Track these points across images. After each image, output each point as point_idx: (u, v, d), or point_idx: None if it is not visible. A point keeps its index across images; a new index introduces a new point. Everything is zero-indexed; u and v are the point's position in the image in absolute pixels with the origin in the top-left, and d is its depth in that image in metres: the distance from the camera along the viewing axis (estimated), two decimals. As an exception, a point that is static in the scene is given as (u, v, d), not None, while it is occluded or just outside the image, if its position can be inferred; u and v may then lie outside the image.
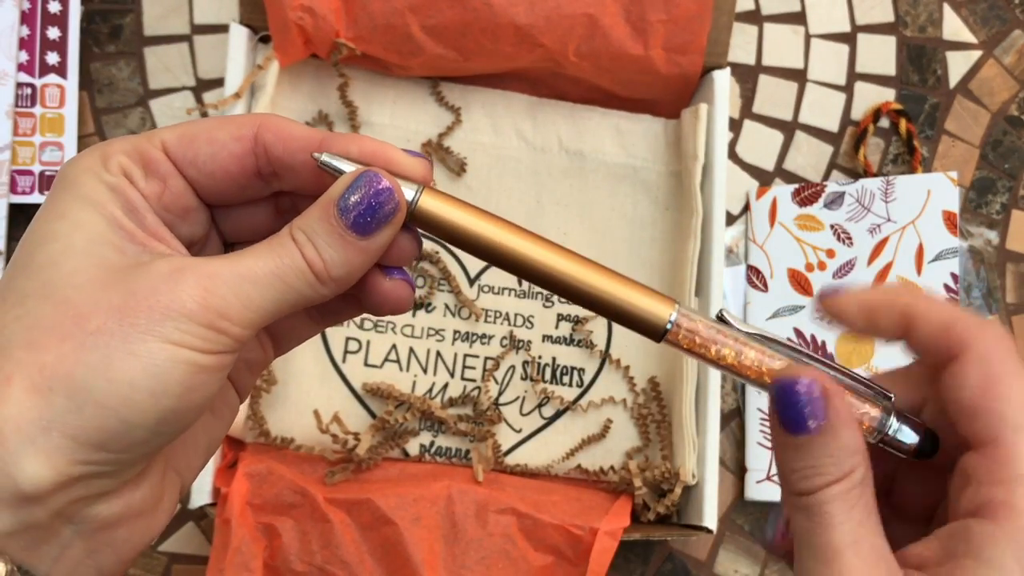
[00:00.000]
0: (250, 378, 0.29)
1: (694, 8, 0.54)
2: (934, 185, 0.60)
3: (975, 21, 0.64)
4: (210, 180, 0.25)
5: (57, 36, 0.58)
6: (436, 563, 0.50)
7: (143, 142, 0.25)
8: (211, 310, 0.22)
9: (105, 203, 0.23)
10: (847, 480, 0.24)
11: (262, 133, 0.25)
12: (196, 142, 0.25)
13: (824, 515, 0.24)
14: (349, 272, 0.24)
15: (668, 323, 0.26)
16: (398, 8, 0.52)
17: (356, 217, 0.24)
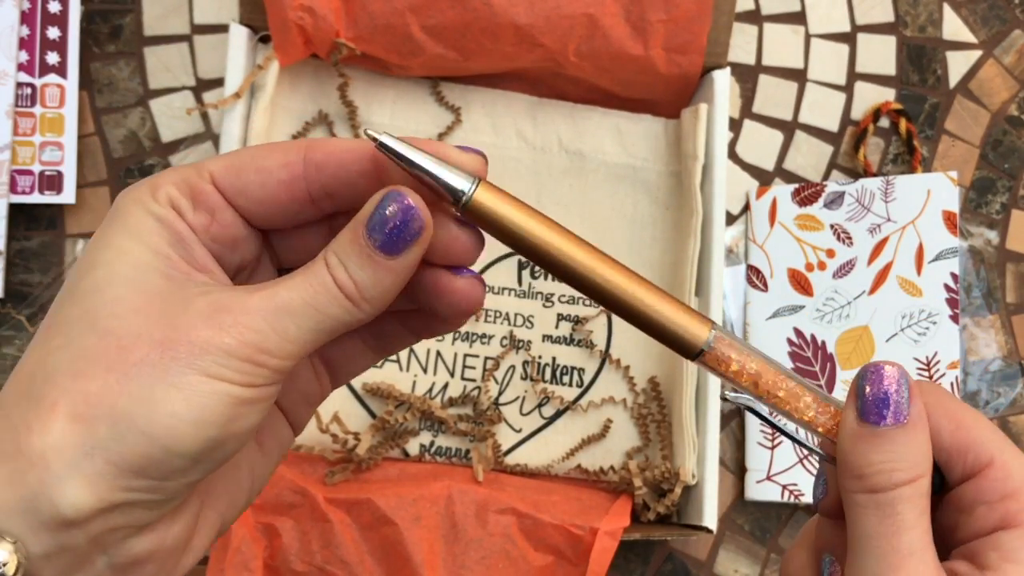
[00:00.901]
0: (306, 411, 0.29)
1: (694, 8, 0.54)
2: (934, 185, 0.60)
3: (975, 21, 0.64)
4: (261, 208, 0.25)
5: (57, 36, 0.58)
6: (436, 563, 0.50)
7: (192, 174, 0.25)
8: (248, 345, 0.23)
9: (151, 233, 0.24)
10: (919, 483, 0.24)
11: (311, 155, 0.25)
12: (244, 172, 0.25)
13: (897, 516, 0.23)
14: (382, 293, 0.24)
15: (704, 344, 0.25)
16: (398, 8, 0.52)
17: (384, 237, 0.24)
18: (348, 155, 0.25)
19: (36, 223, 0.58)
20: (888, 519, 0.23)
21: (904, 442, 0.24)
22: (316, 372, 0.29)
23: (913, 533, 0.23)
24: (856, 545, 0.24)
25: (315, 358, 0.29)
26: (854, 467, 0.24)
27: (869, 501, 0.24)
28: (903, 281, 0.59)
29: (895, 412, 0.24)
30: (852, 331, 0.59)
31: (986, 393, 0.61)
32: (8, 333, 0.57)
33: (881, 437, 0.24)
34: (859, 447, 0.24)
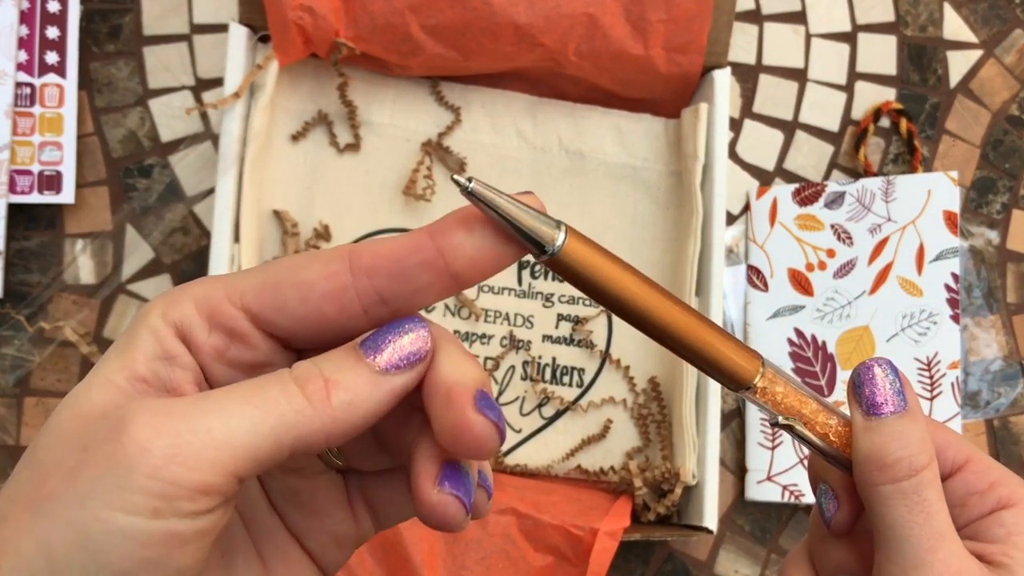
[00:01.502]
0: (338, 555, 0.25)
1: (694, 8, 0.54)
2: (935, 185, 0.60)
3: (976, 21, 0.64)
4: (303, 327, 0.22)
5: (56, 35, 0.58)
6: (436, 563, 0.50)
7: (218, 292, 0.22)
8: (155, 453, 0.18)
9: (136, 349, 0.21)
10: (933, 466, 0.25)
11: (356, 260, 0.21)
12: (280, 288, 0.21)
13: (924, 501, 0.24)
14: (355, 401, 0.20)
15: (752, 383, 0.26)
16: (398, 8, 0.52)
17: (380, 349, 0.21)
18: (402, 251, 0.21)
19: (35, 223, 0.58)
20: (917, 506, 0.24)
21: (912, 428, 0.25)
22: (355, 513, 0.25)
23: (941, 516, 0.24)
24: (888, 537, 0.25)
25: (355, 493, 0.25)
26: (876, 460, 0.25)
27: (895, 491, 0.25)
28: (904, 281, 0.59)
29: (895, 400, 0.25)
30: (852, 331, 0.59)
31: (987, 393, 0.61)
32: (7, 333, 0.57)
33: (891, 426, 0.25)
34: (875, 441, 0.25)
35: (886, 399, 0.25)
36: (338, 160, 0.57)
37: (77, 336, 0.57)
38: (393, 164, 0.58)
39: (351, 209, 0.57)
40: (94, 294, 0.58)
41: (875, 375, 0.26)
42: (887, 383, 0.26)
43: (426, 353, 0.21)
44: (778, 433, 0.58)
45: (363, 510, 0.25)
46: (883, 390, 0.25)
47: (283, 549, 0.24)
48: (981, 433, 0.60)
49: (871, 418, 0.25)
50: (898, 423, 0.25)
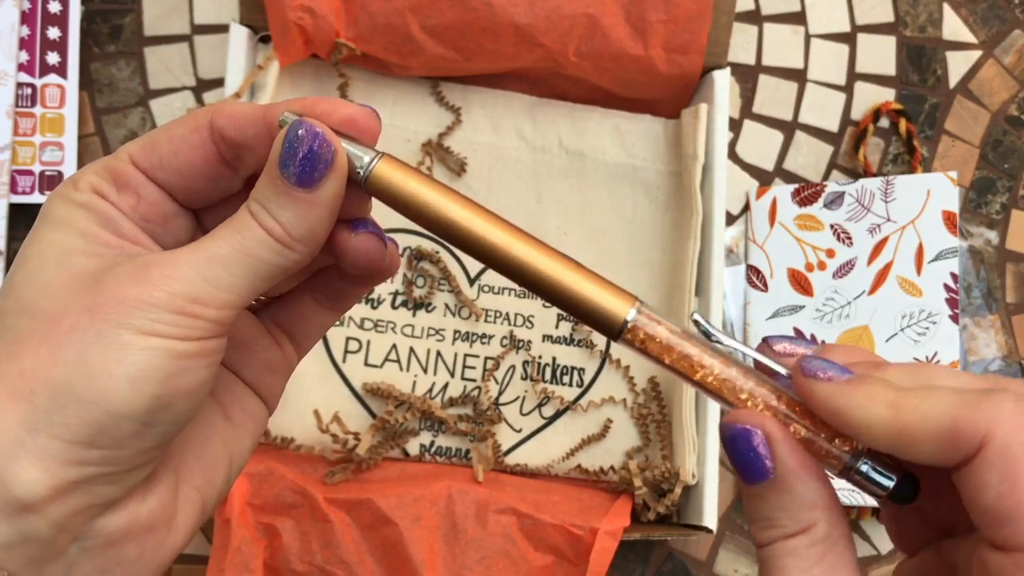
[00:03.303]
0: (273, 381, 0.29)
1: (694, 8, 0.54)
2: (934, 185, 0.60)
3: (975, 21, 0.64)
4: (179, 178, 0.25)
5: (57, 36, 0.58)
6: (436, 563, 0.50)
7: (110, 160, 0.25)
8: (179, 296, 0.22)
9: (77, 220, 0.24)
10: (805, 536, 0.23)
11: (215, 119, 0.25)
12: (157, 144, 0.25)
13: (780, 569, 0.23)
14: (310, 230, 0.24)
15: (625, 321, 0.24)
16: (398, 8, 0.52)
17: (298, 170, 0.23)
18: (244, 119, 0.25)
19: (36, 223, 0.58)
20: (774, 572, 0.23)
21: (774, 497, 0.23)
22: (276, 339, 0.28)
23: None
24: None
25: (269, 323, 0.29)
26: (748, 521, 0.24)
27: (759, 556, 0.24)
28: (903, 281, 0.59)
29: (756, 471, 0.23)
30: (852, 331, 0.59)
31: (986, 393, 0.61)
32: (8, 333, 0.57)
33: (756, 496, 0.23)
34: (746, 503, 0.24)
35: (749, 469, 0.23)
36: (338, 160, 0.57)
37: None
38: (393, 164, 0.58)
39: (351, 209, 0.57)
40: (95, 294, 0.58)
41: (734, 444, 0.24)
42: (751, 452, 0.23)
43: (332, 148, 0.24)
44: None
45: (280, 335, 0.29)
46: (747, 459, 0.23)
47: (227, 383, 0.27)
48: (980, 433, 0.61)
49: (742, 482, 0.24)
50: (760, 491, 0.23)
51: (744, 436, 0.23)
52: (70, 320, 0.22)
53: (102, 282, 0.22)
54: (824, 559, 0.23)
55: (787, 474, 0.23)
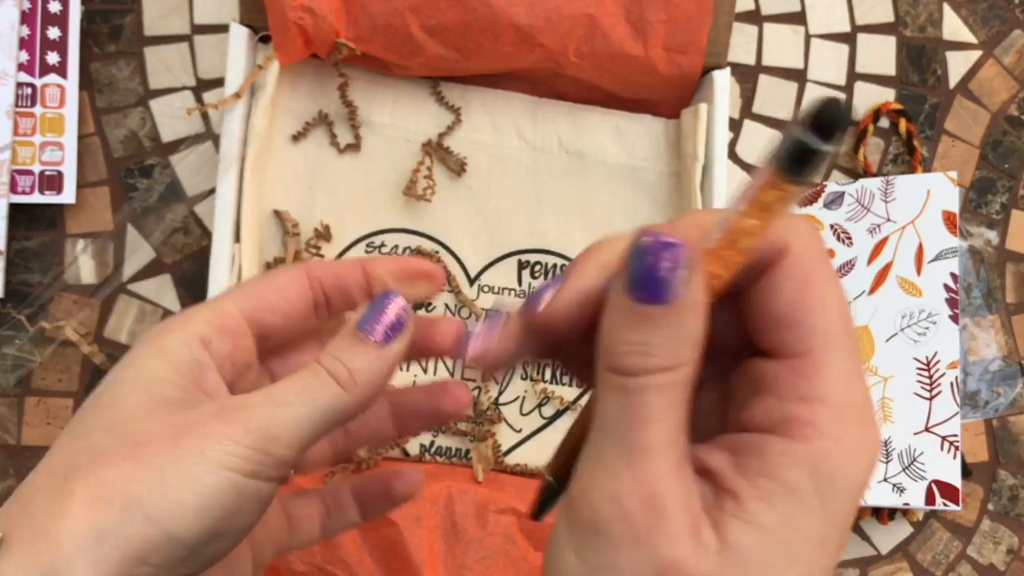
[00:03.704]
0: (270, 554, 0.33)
1: (694, 8, 0.54)
2: (934, 185, 0.60)
3: (975, 21, 0.64)
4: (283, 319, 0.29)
5: (57, 36, 0.58)
6: (436, 563, 0.50)
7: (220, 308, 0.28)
8: (254, 432, 0.25)
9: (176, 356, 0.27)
10: (674, 372, 0.21)
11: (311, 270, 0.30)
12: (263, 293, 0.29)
13: (644, 404, 0.21)
14: (373, 377, 0.27)
15: None
16: (398, 8, 0.52)
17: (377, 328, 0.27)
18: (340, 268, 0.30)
19: (36, 223, 0.58)
20: (633, 407, 0.21)
21: (667, 325, 0.21)
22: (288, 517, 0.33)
23: (658, 426, 0.21)
24: (598, 425, 0.21)
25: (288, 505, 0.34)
26: (606, 342, 0.21)
27: (617, 382, 0.21)
28: (903, 281, 0.59)
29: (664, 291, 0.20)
30: (852, 331, 0.59)
31: (986, 393, 0.61)
32: (8, 333, 0.57)
33: (643, 316, 0.21)
34: (617, 321, 0.21)
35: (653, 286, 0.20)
36: (338, 160, 0.57)
37: (78, 336, 0.57)
38: (393, 164, 0.58)
39: (351, 209, 0.57)
40: (95, 294, 0.58)
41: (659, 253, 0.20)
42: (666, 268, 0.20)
43: (408, 317, 0.28)
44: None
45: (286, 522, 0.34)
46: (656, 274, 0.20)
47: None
48: (980, 433, 0.61)
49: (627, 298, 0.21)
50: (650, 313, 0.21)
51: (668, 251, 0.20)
52: (156, 446, 0.24)
53: (187, 417, 0.25)
54: (682, 403, 0.21)
55: (693, 304, 0.21)
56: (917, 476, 0.57)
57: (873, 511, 0.59)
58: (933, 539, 0.60)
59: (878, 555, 0.60)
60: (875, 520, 0.59)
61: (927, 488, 0.56)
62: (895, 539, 0.60)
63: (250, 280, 0.30)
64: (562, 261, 0.58)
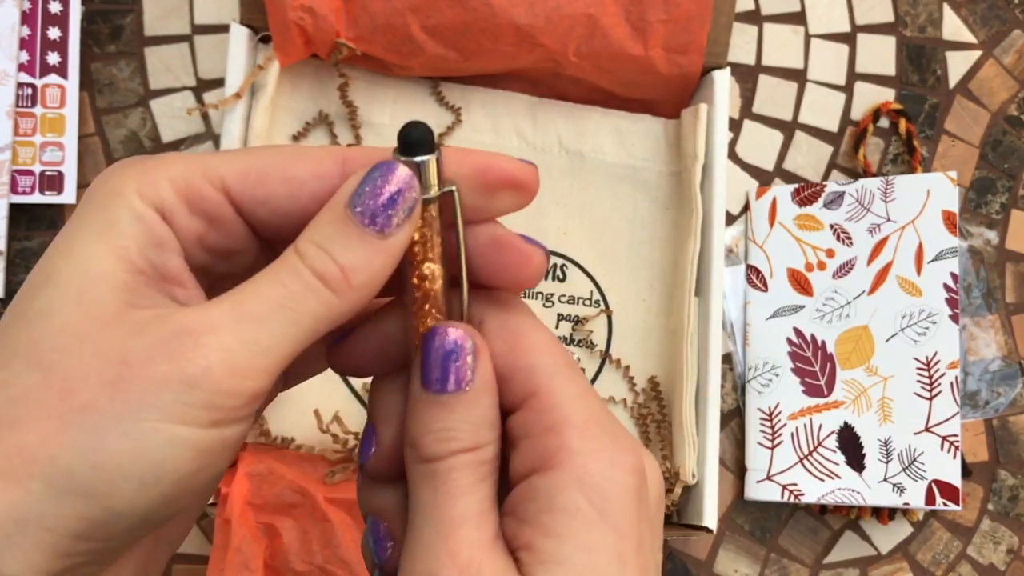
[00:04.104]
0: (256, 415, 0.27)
1: (694, 8, 0.54)
2: (934, 185, 0.60)
3: (975, 21, 0.64)
4: (283, 220, 0.22)
5: (58, 36, 0.58)
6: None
7: (197, 173, 0.21)
8: (215, 369, 0.19)
9: (124, 235, 0.21)
10: (480, 452, 0.22)
11: (350, 167, 0.22)
12: (267, 181, 0.22)
13: (450, 483, 0.21)
14: (371, 278, 0.21)
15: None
16: (398, 8, 0.52)
17: (374, 213, 0.21)
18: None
19: (37, 223, 0.58)
20: (442, 487, 0.21)
21: (464, 409, 0.22)
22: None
23: (467, 499, 0.21)
24: (414, 514, 0.22)
25: None
26: (412, 435, 0.22)
27: (427, 470, 0.22)
28: (903, 281, 0.59)
29: (456, 379, 0.22)
30: (852, 331, 0.59)
31: (986, 393, 0.61)
32: (9, 333, 0.57)
33: (441, 405, 0.22)
34: (420, 415, 0.22)
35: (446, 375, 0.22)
36: (339, 160, 0.57)
37: (78, 336, 0.57)
38: (393, 164, 0.58)
39: (352, 209, 0.57)
40: (95, 294, 0.58)
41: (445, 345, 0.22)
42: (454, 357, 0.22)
43: (415, 200, 0.22)
44: (778, 433, 0.59)
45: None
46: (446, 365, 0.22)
47: None
48: (980, 433, 0.61)
49: (424, 391, 0.22)
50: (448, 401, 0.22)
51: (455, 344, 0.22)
52: (88, 394, 0.19)
53: (128, 350, 0.19)
54: (489, 479, 0.22)
55: (483, 389, 0.22)
56: (917, 476, 0.57)
57: (873, 511, 0.59)
58: (933, 539, 0.60)
59: (878, 555, 0.60)
60: (875, 520, 0.59)
61: (927, 488, 0.56)
62: (895, 539, 0.60)
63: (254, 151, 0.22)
64: (562, 261, 0.58)
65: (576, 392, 0.22)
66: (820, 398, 0.59)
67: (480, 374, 0.22)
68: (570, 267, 0.58)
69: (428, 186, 0.22)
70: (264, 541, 0.50)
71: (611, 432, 0.22)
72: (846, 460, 0.57)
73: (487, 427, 0.22)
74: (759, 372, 0.60)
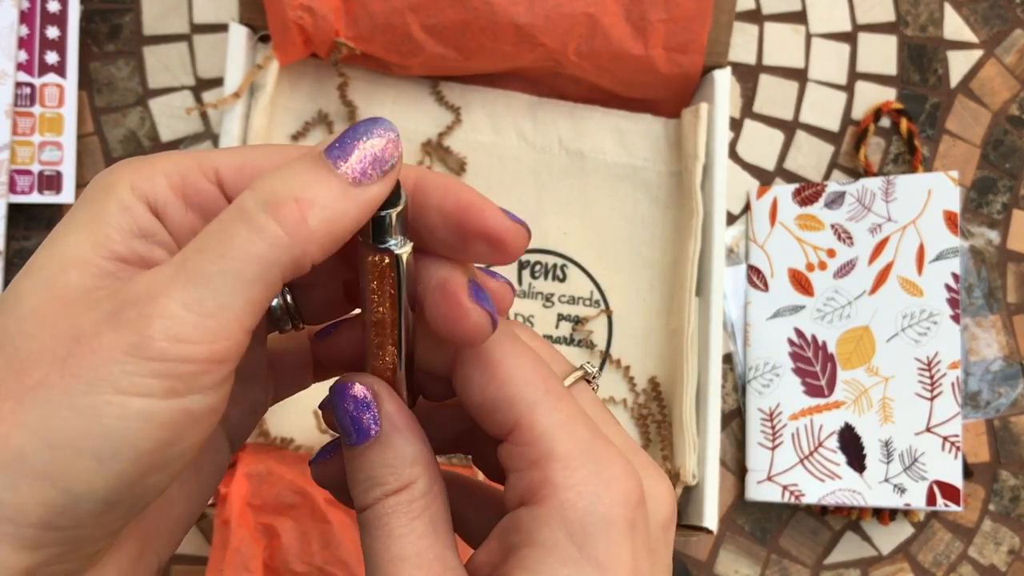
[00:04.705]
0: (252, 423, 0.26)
1: (694, 7, 0.54)
2: (935, 185, 0.60)
3: (976, 20, 0.64)
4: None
5: (56, 35, 0.58)
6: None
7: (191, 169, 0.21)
8: (158, 337, 0.18)
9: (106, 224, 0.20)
10: (407, 491, 0.22)
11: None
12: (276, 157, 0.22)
13: (384, 527, 0.22)
14: (330, 219, 0.19)
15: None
16: (398, 7, 0.52)
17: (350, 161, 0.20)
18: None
19: (35, 223, 0.58)
20: (377, 531, 0.22)
21: (379, 455, 0.22)
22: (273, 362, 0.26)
23: (402, 541, 0.22)
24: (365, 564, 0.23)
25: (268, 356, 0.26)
26: (349, 489, 0.23)
27: (362, 520, 0.22)
28: (904, 281, 0.59)
29: (361, 431, 0.22)
30: (853, 331, 0.59)
31: (987, 393, 0.61)
32: (7, 333, 0.57)
33: (358, 458, 0.22)
34: (349, 468, 0.23)
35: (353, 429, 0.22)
36: (338, 160, 0.57)
37: (77, 336, 0.57)
38: (393, 164, 0.58)
39: (351, 209, 0.57)
40: (94, 294, 0.58)
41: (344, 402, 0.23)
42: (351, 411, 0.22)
43: (397, 159, 0.20)
44: (779, 433, 0.58)
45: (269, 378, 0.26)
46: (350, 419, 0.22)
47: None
48: (981, 433, 0.60)
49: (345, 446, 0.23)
50: (363, 452, 0.22)
51: (351, 394, 0.22)
52: (40, 372, 0.18)
53: (81, 319, 0.18)
54: (425, 513, 0.22)
55: (391, 431, 0.22)
56: (918, 477, 0.56)
57: (874, 512, 0.59)
58: (934, 540, 0.60)
59: (879, 556, 0.59)
60: (876, 521, 0.59)
61: (928, 489, 0.56)
62: (896, 540, 0.60)
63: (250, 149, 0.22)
64: (562, 261, 0.58)
65: (559, 421, 0.22)
66: (821, 398, 0.58)
67: (386, 418, 0.22)
68: (570, 267, 0.58)
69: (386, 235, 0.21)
70: (263, 542, 0.50)
71: (599, 460, 0.21)
72: (847, 461, 0.57)
73: (407, 465, 0.22)
74: (760, 372, 0.59)
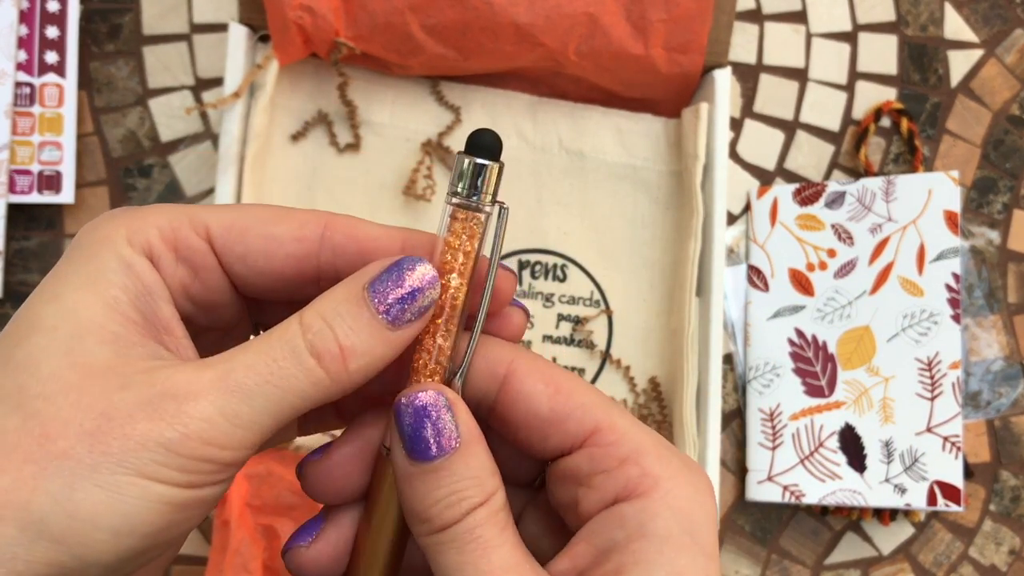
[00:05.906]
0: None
1: (695, 7, 0.54)
2: (935, 185, 0.59)
3: (976, 20, 0.64)
4: (260, 279, 0.23)
5: (56, 35, 0.58)
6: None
7: (183, 222, 0.22)
8: (193, 438, 0.19)
9: (112, 284, 0.21)
10: (492, 501, 0.22)
11: (330, 234, 0.23)
12: (248, 236, 0.22)
13: (478, 540, 0.21)
14: (368, 364, 0.21)
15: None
16: (398, 7, 0.52)
17: (391, 302, 0.21)
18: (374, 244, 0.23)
19: (35, 223, 0.58)
20: (470, 546, 0.21)
21: (464, 466, 0.21)
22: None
23: (502, 551, 0.21)
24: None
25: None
26: (419, 512, 0.22)
27: (445, 538, 0.21)
28: (904, 281, 0.59)
29: (444, 441, 0.21)
30: (853, 331, 0.59)
31: (988, 393, 0.60)
32: (7, 333, 0.57)
33: (438, 471, 0.21)
34: (419, 489, 0.22)
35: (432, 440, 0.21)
36: (338, 160, 0.57)
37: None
38: (393, 164, 0.58)
39: (351, 209, 0.57)
40: (94, 294, 0.58)
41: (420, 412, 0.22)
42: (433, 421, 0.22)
43: (435, 297, 0.22)
44: (779, 433, 0.58)
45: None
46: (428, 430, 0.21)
47: None
48: (982, 433, 0.60)
49: (414, 463, 0.22)
50: (444, 465, 0.21)
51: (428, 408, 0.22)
52: (65, 442, 0.19)
53: (111, 401, 0.19)
54: (509, 523, 0.22)
55: (472, 441, 0.22)
56: (919, 477, 0.56)
57: (875, 512, 0.58)
58: (935, 540, 0.60)
59: (880, 556, 0.59)
60: (877, 521, 0.59)
61: (929, 489, 0.56)
62: (897, 540, 0.60)
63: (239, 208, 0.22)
64: (562, 261, 0.58)
65: (632, 422, 0.22)
66: (821, 398, 0.58)
67: (464, 426, 0.22)
68: (570, 267, 0.58)
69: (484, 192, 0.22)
70: (263, 542, 0.50)
71: (679, 455, 0.22)
72: (847, 461, 0.57)
73: (489, 475, 0.22)
74: (760, 372, 0.59)
